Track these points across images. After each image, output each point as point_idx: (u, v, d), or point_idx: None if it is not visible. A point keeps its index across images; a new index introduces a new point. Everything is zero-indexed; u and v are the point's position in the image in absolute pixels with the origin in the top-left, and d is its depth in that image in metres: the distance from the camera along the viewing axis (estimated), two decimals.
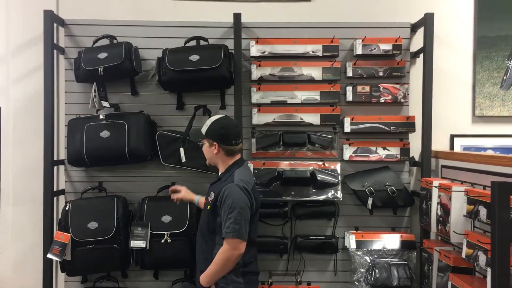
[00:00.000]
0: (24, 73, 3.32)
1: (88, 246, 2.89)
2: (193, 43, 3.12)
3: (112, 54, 2.94)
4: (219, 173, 2.58)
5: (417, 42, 3.26)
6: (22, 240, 3.33)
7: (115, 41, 3.11)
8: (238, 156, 2.56)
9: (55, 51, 3.14)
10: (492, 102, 3.36)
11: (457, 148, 3.34)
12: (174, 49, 3.05)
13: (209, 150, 2.52)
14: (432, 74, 3.07)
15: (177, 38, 3.15)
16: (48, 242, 2.97)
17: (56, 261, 2.96)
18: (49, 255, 2.88)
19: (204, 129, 2.52)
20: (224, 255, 2.31)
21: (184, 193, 2.87)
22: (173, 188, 2.93)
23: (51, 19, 3.05)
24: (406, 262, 3.03)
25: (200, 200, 2.84)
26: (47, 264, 3.03)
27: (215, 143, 2.49)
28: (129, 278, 3.19)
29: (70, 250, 2.88)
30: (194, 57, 2.96)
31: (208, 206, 2.45)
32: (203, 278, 2.39)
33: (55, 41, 3.15)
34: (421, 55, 3.18)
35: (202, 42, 3.13)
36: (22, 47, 3.33)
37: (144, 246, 2.89)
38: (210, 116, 3.07)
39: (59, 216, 3.02)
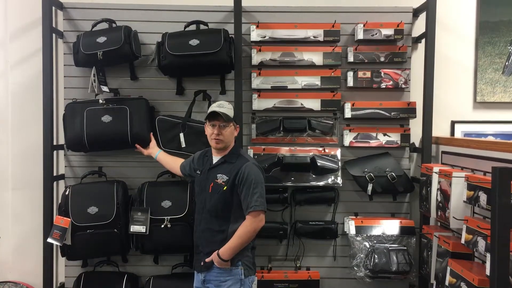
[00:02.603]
0: (23, 58, 3.30)
1: (88, 231, 2.90)
2: (193, 27, 3.09)
3: (111, 38, 2.91)
4: (217, 157, 2.59)
5: (419, 27, 3.23)
6: (22, 225, 3.34)
7: (114, 25, 3.08)
8: None
9: (53, 35, 3.11)
10: (493, 88, 3.35)
11: (458, 134, 3.34)
12: (173, 34, 3.02)
13: (233, 133, 2.60)
14: (433, 59, 3.05)
15: (177, 22, 3.12)
16: (48, 226, 2.98)
17: (57, 245, 2.97)
18: (49, 240, 2.88)
19: (230, 113, 2.55)
20: (252, 227, 2.44)
21: (153, 143, 3.03)
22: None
23: (50, 3, 3.02)
24: (405, 248, 3.04)
25: (160, 156, 2.97)
26: (47, 249, 3.05)
27: (237, 125, 2.65)
28: (129, 263, 3.21)
29: (70, 235, 2.89)
30: (194, 42, 2.94)
31: (225, 188, 2.48)
32: (225, 252, 2.43)
33: (53, 25, 3.12)
34: (423, 41, 3.16)
35: (202, 27, 3.10)
36: (20, 31, 3.29)
37: (144, 231, 2.89)
38: (210, 102, 3.08)
39: (59, 201, 3.02)
